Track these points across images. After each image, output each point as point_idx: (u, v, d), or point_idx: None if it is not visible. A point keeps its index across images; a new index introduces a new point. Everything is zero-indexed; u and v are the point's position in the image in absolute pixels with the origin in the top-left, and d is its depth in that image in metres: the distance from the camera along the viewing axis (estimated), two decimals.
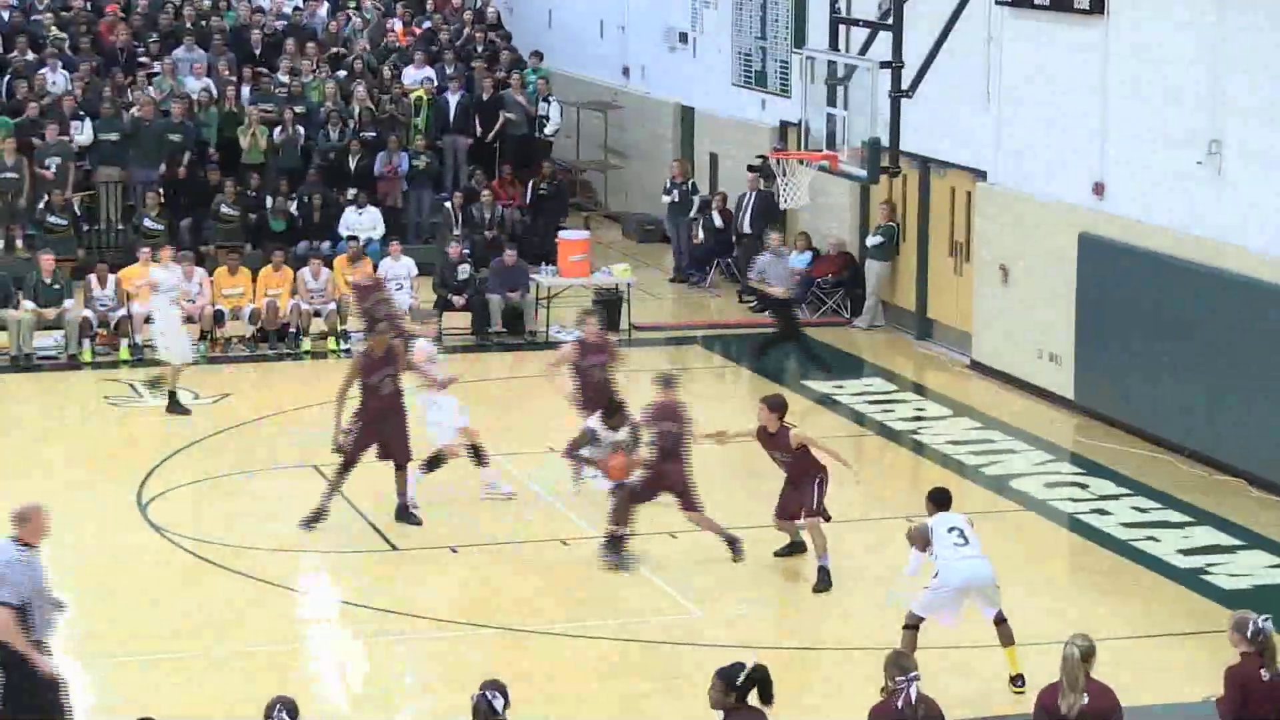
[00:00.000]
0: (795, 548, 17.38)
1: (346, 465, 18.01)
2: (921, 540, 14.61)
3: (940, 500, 14.81)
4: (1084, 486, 19.79)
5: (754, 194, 28.47)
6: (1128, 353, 21.45)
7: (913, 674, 10.41)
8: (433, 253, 27.98)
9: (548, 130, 32.12)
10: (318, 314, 25.52)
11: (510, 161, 31.34)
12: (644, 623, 15.86)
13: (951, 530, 14.52)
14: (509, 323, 26.20)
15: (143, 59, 31.80)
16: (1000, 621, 14.51)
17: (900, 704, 10.37)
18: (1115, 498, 19.35)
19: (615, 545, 17.13)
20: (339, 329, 25.38)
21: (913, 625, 14.40)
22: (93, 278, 25.29)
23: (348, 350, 25.11)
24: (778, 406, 17.14)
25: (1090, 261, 22.09)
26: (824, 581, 16.67)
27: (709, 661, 14.45)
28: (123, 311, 24.96)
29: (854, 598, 16.87)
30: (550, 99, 32.21)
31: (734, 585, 16.82)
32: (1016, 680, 14.36)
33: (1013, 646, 14.47)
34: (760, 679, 10.13)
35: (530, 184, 30.68)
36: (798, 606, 16.59)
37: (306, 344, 25.20)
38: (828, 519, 16.93)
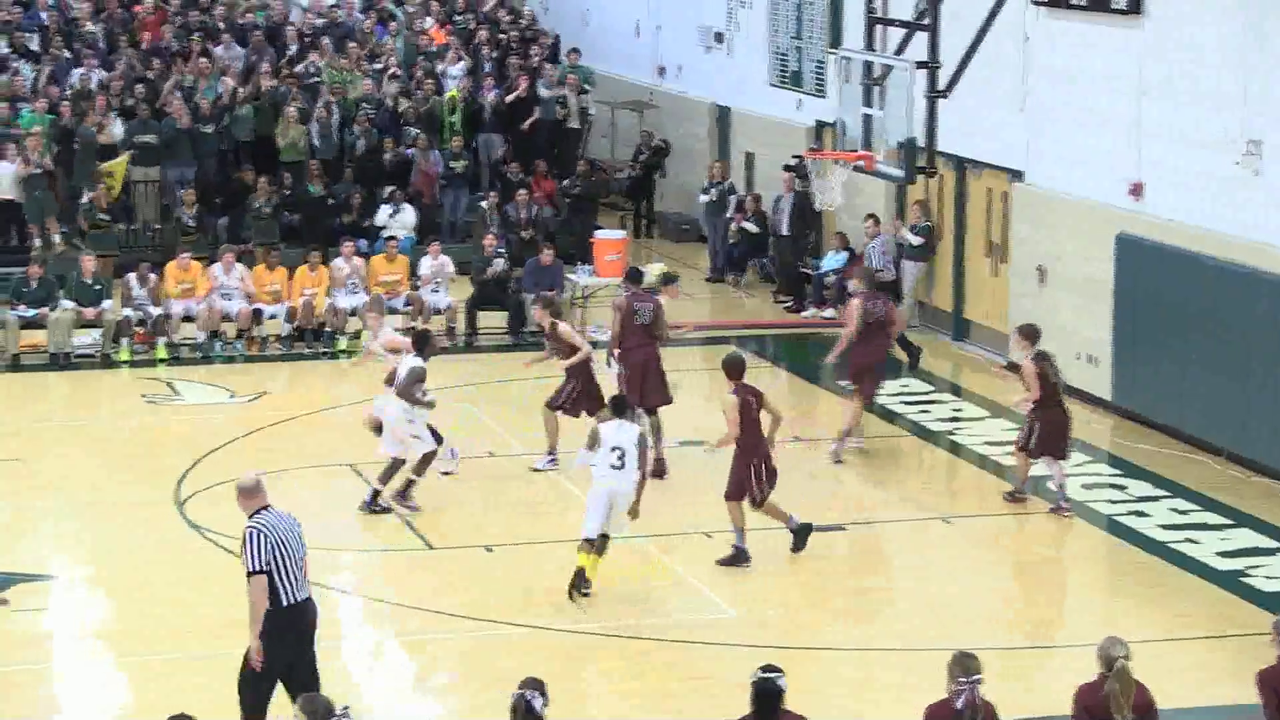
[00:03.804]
0: None
1: None
2: (591, 440, 16.15)
3: (619, 408, 16.39)
4: (1122, 488, 19.75)
5: (791, 195, 28.46)
6: (1165, 354, 21.40)
7: (976, 676, 10.35)
8: (468, 251, 28.05)
9: (561, 114, 32.00)
10: (353, 313, 25.61)
11: (545, 158, 31.38)
12: (678, 623, 15.86)
13: (614, 450, 15.94)
14: None
15: (180, 57, 31.90)
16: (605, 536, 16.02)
17: (960, 705, 10.32)
18: (1153, 499, 19.31)
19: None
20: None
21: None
22: (132, 277, 25.41)
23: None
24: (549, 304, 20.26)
25: (1128, 262, 22.03)
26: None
27: (742, 662, 14.46)
28: (160, 310, 25.08)
29: (889, 598, 16.87)
30: (582, 93, 32.27)
31: (769, 586, 16.81)
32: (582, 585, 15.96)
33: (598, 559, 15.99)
34: (756, 692, 10.26)
35: (559, 186, 30.70)
36: (831, 606, 16.57)
37: (342, 343, 25.26)
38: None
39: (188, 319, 25.31)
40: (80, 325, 24.87)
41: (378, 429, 18.86)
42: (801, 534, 17.28)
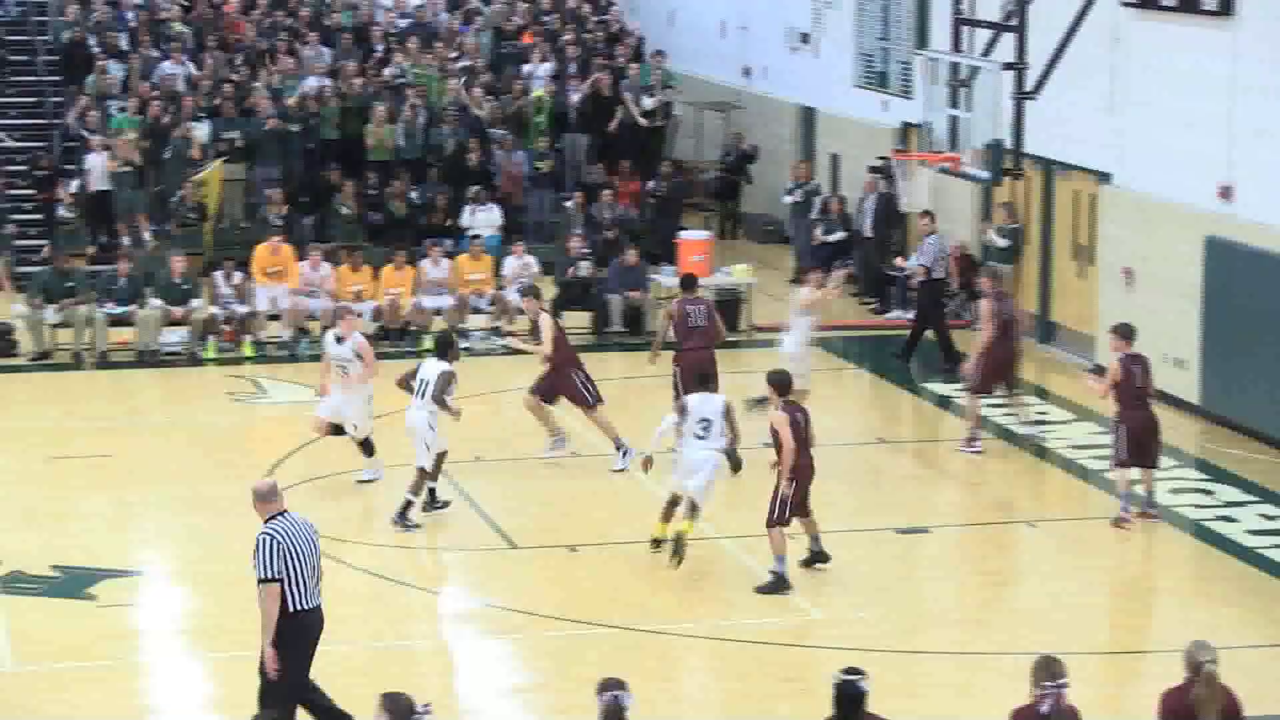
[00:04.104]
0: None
1: None
2: (679, 411, 16.99)
3: (703, 380, 17.70)
4: (1209, 493, 19.58)
5: (875, 195, 28.37)
6: (1254, 358, 21.21)
7: (1062, 680, 10.31)
8: (552, 251, 28.12)
9: (645, 108, 31.99)
10: (438, 312, 25.71)
11: (629, 158, 31.43)
12: (759, 623, 15.82)
13: (701, 421, 16.81)
14: (629, 322, 26.27)
15: (268, 55, 32.11)
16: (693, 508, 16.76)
17: (1045, 709, 10.28)
18: (1242, 505, 19.14)
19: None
20: (459, 326, 25.54)
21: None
22: (219, 275, 25.63)
23: (468, 348, 25.22)
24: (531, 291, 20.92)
25: (1216, 265, 21.86)
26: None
27: (824, 663, 14.42)
28: (246, 308, 25.27)
29: (975, 602, 16.79)
30: (666, 87, 32.28)
31: (852, 587, 16.76)
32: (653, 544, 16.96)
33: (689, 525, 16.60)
34: (838, 695, 10.20)
35: (641, 189, 30.65)
36: (916, 609, 16.52)
37: (427, 342, 25.36)
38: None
39: (273, 317, 25.49)
40: (168, 324, 25.10)
41: (333, 430, 19.41)
42: (773, 587, 16.42)
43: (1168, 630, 15.65)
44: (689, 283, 21.07)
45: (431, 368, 18.34)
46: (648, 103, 31.99)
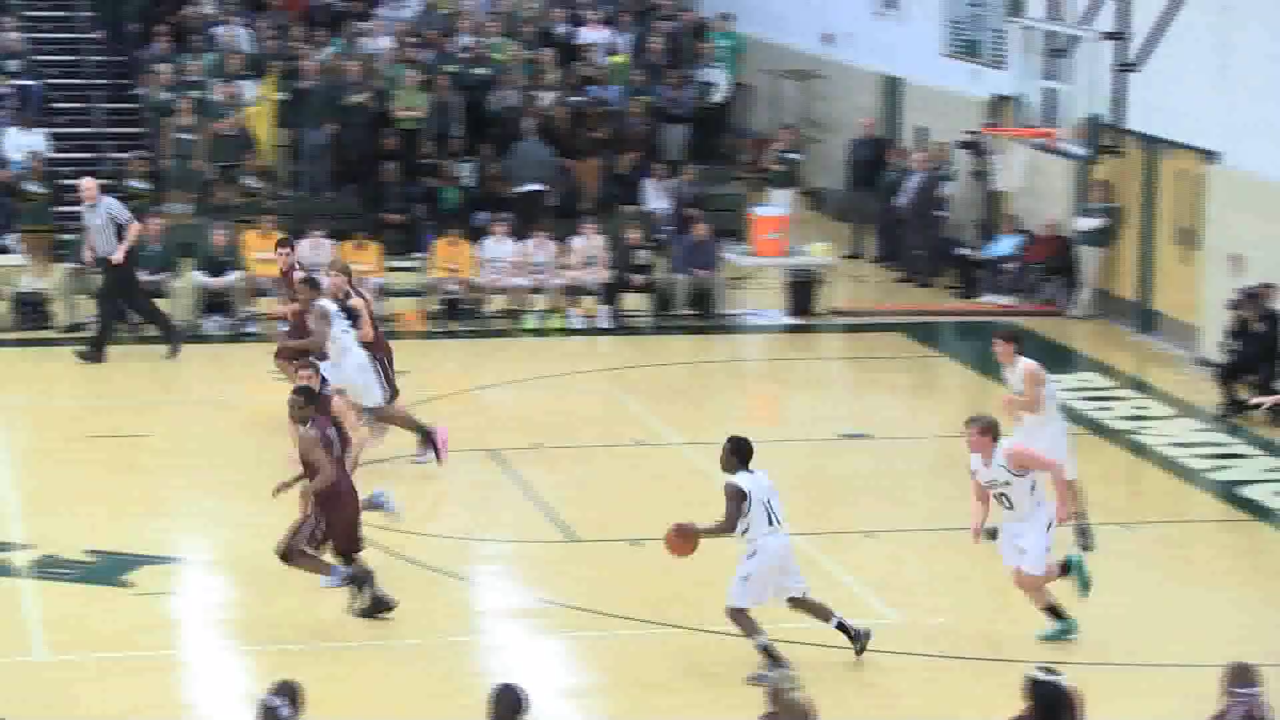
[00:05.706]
0: None
1: None
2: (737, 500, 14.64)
3: (743, 453, 14.69)
4: None
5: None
6: None
7: (1255, 688, 10.38)
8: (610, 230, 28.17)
9: (715, 98, 32.23)
10: (503, 291, 25.82)
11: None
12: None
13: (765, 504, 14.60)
14: (696, 304, 26.24)
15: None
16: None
17: (1236, 718, 10.39)
18: None
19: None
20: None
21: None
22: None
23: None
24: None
25: None
26: None
27: (904, 669, 14.47)
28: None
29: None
30: (719, 65, 32.40)
31: (933, 590, 16.77)
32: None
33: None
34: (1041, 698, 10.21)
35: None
36: (1001, 615, 16.48)
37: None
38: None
39: None
40: (211, 297, 25.23)
41: None
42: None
43: (1276, 641, 15.56)
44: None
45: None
46: (718, 95, 32.22)
